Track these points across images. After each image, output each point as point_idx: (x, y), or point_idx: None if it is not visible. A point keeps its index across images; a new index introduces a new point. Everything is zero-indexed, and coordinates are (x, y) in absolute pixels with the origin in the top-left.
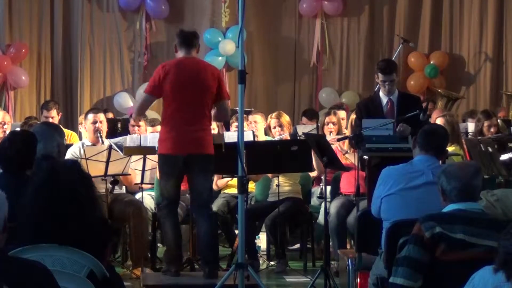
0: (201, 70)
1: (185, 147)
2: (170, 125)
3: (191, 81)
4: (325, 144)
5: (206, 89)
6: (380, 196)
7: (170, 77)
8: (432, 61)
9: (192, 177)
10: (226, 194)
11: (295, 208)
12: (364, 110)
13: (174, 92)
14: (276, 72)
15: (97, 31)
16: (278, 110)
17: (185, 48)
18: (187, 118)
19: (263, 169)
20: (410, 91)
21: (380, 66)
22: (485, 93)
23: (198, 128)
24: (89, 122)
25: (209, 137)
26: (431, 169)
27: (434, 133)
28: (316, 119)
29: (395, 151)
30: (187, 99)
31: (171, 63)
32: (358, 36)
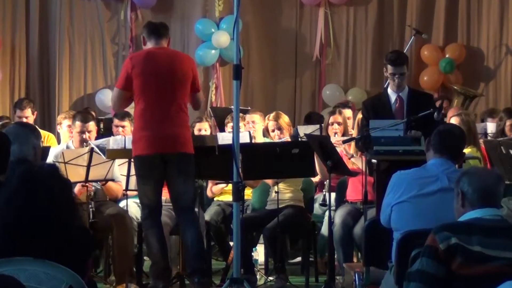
0: (175, 60)
1: (161, 146)
2: (143, 123)
3: (163, 73)
4: (329, 146)
5: (181, 81)
6: (390, 204)
7: (138, 69)
8: (448, 55)
9: (171, 179)
10: (220, 202)
11: (296, 217)
12: (371, 109)
13: (144, 86)
14: (275, 67)
15: (77, 22)
16: (277, 109)
17: (154, 38)
18: (161, 114)
19: (261, 174)
20: (423, 87)
21: (389, 57)
22: (506, 90)
23: (174, 124)
24: (76, 130)
25: (186, 135)
26: (446, 174)
27: (450, 134)
28: None
29: (406, 154)
30: (160, 93)
31: (139, 54)
32: (365, 27)
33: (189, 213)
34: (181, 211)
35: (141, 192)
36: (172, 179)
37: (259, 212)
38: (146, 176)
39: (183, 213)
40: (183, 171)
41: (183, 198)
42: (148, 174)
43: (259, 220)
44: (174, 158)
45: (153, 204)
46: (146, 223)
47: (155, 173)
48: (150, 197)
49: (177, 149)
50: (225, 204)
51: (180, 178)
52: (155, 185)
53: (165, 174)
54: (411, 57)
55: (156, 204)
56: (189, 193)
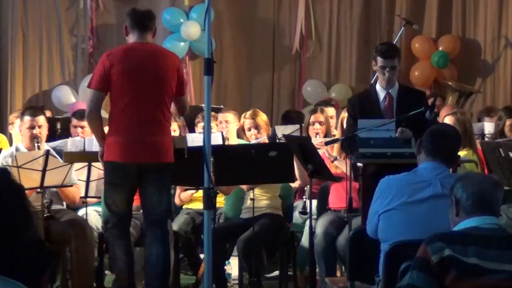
0: (158, 58)
1: (137, 155)
2: (119, 127)
3: (144, 73)
4: (310, 148)
5: (164, 83)
6: (377, 212)
7: (116, 68)
8: (441, 47)
9: (144, 188)
10: (189, 210)
11: (274, 227)
12: (358, 107)
13: (122, 87)
14: (251, 61)
15: (31, 11)
16: (253, 107)
17: (137, 31)
18: (140, 119)
19: (235, 179)
20: (413, 84)
21: (380, 49)
22: (505, 86)
23: (155, 131)
24: (25, 126)
25: (168, 142)
26: (439, 179)
27: (444, 135)
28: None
29: (395, 157)
30: (139, 95)
31: (118, 50)
32: (350, 17)
33: (159, 228)
34: (151, 224)
35: (110, 199)
36: (146, 188)
37: (232, 221)
38: (118, 184)
39: (152, 227)
40: (159, 181)
41: (156, 211)
42: (120, 182)
43: (233, 230)
44: (151, 168)
45: (123, 213)
46: (113, 233)
47: (128, 182)
48: (120, 206)
49: (155, 159)
50: (195, 213)
51: (155, 188)
52: (126, 194)
53: (139, 183)
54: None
55: (126, 213)
56: (163, 205)
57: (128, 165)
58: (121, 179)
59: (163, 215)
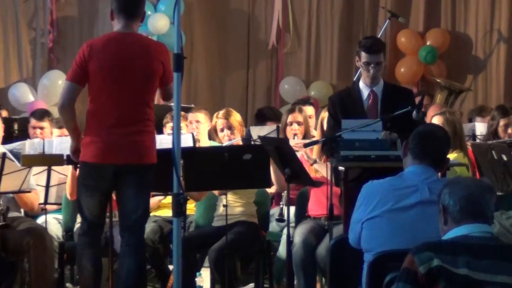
0: (142, 51)
1: (116, 156)
2: (96, 126)
3: (125, 67)
4: (287, 150)
5: (147, 77)
6: (360, 219)
7: (95, 61)
8: (429, 42)
9: (122, 191)
10: (157, 218)
11: (248, 236)
12: (339, 106)
13: (101, 81)
14: (224, 56)
15: None
16: (226, 106)
17: (123, 18)
18: (120, 117)
19: (206, 184)
20: (399, 81)
21: (364, 43)
22: (498, 84)
23: (135, 130)
24: None
25: (149, 142)
26: (427, 183)
27: (432, 136)
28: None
29: (379, 161)
30: (119, 90)
31: (98, 41)
32: (331, 9)
33: (133, 236)
34: (125, 231)
35: (83, 203)
36: (124, 192)
37: (204, 229)
38: (92, 187)
39: (126, 234)
40: (138, 184)
41: (130, 218)
42: (95, 185)
43: (204, 239)
44: (130, 169)
45: (95, 220)
46: (82, 241)
47: (102, 185)
48: (92, 211)
49: (135, 160)
50: (163, 221)
51: (132, 191)
52: (100, 198)
53: (117, 186)
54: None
55: (98, 220)
56: (139, 210)
57: (104, 167)
58: (95, 181)
59: (138, 221)
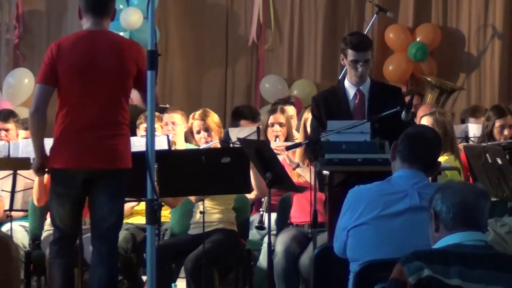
0: (113, 50)
1: (87, 161)
2: (66, 130)
3: (95, 68)
4: (268, 153)
5: (120, 77)
6: (346, 227)
7: (63, 61)
8: (419, 38)
9: (94, 198)
10: (129, 225)
11: (227, 244)
12: (323, 106)
13: (70, 82)
14: (201, 53)
15: None
16: (203, 106)
17: (92, 15)
18: (92, 118)
19: (182, 189)
20: (387, 79)
21: (350, 40)
22: (492, 83)
23: (109, 133)
24: None
25: (123, 146)
26: (417, 189)
27: (421, 138)
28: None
29: (366, 164)
30: (91, 91)
31: (67, 40)
32: (315, 3)
33: (105, 244)
34: (96, 240)
35: (54, 211)
36: (96, 198)
37: (179, 237)
38: (62, 194)
39: (98, 242)
40: (111, 190)
41: (103, 224)
42: (65, 192)
43: (180, 247)
44: (102, 175)
45: (66, 229)
46: (54, 250)
47: (74, 192)
48: (63, 220)
49: (108, 165)
50: (136, 228)
51: (105, 197)
52: (72, 206)
53: (89, 193)
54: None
55: (70, 229)
56: (112, 218)
57: (75, 173)
58: (66, 188)
59: (111, 229)
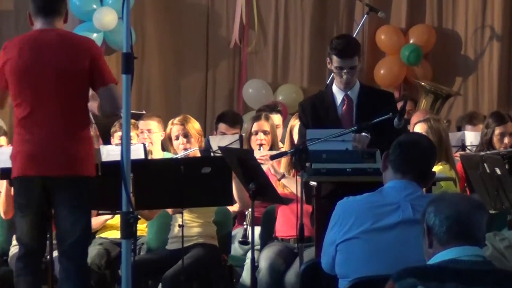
0: (63, 47)
1: (43, 166)
2: (21, 134)
3: (46, 67)
4: (252, 163)
5: (72, 76)
6: (334, 241)
7: (11, 61)
8: (412, 40)
9: (56, 211)
10: (103, 240)
11: (207, 260)
12: (310, 113)
13: (19, 84)
14: (180, 56)
15: None
16: (182, 112)
17: (42, 16)
18: (44, 122)
19: (160, 201)
20: (379, 84)
21: (335, 46)
22: (490, 87)
23: (66, 137)
24: None
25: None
26: (410, 200)
27: (415, 147)
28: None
29: (356, 174)
30: (42, 93)
31: (15, 40)
32: (301, 2)
33: (71, 261)
34: (62, 256)
35: (17, 224)
36: (57, 210)
37: (157, 253)
38: (23, 205)
39: (64, 259)
40: (73, 200)
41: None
42: (25, 203)
43: (157, 264)
44: (62, 183)
45: (31, 243)
46: (19, 267)
47: (33, 202)
48: (27, 234)
49: (67, 171)
50: (111, 243)
51: (66, 209)
52: (34, 218)
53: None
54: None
55: (35, 244)
56: (77, 232)
57: (31, 181)
58: (25, 198)
59: (77, 244)
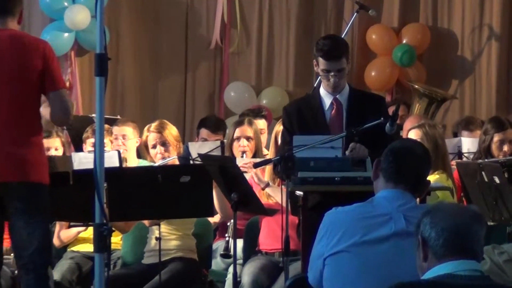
0: (13, 47)
1: None
2: None
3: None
4: (234, 171)
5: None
6: (322, 254)
7: None
8: (405, 40)
9: (10, 223)
10: (75, 254)
11: (187, 275)
12: (296, 118)
13: None
14: (157, 57)
15: None
16: (160, 117)
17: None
18: None
19: (135, 212)
20: (369, 87)
21: (321, 47)
22: (489, 90)
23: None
24: None
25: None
26: (403, 211)
27: (408, 154)
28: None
29: (345, 184)
30: None
31: None
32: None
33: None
34: (21, 270)
35: None
36: (11, 221)
37: (132, 267)
38: None
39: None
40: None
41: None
42: None
43: (133, 279)
44: (14, 190)
45: None
46: None
47: None
48: None
49: (16, 177)
50: (83, 257)
51: (21, 219)
52: None
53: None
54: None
55: None
56: (33, 243)
57: None
58: None
59: (35, 256)
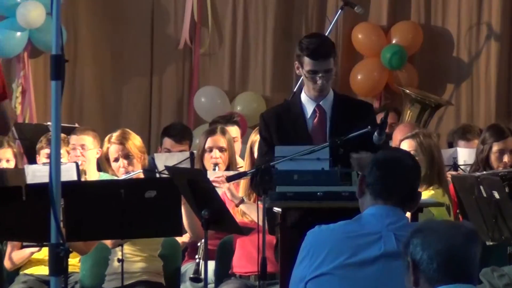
0: None
1: None
2: None
3: None
4: (205, 186)
5: None
6: (303, 278)
7: None
8: (395, 40)
9: None
10: (28, 277)
11: None
12: (274, 126)
13: None
14: (119, 58)
15: None
16: (122, 125)
17: None
18: None
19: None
20: (355, 92)
21: (306, 46)
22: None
23: None
24: None
25: None
26: (393, 230)
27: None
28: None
29: (328, 199)
30: None
31: None
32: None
33: None
34: None
35: None
36: None
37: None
38: None
39: None
40: None
41: None
42: None
43: None
44: None
45: None
46: None
47: None
48: None
49: None
50: (36, 281)
51: None
52: None
53: None
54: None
55: None
56: None
57: None
58: None
59: None
